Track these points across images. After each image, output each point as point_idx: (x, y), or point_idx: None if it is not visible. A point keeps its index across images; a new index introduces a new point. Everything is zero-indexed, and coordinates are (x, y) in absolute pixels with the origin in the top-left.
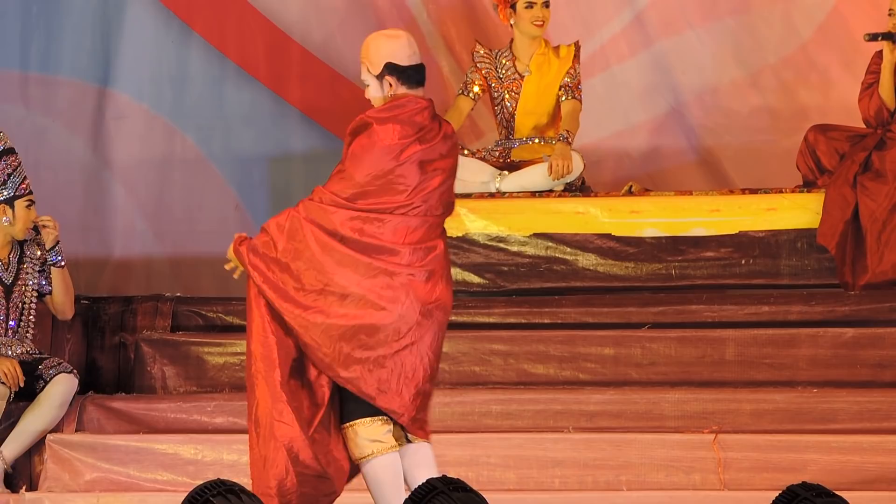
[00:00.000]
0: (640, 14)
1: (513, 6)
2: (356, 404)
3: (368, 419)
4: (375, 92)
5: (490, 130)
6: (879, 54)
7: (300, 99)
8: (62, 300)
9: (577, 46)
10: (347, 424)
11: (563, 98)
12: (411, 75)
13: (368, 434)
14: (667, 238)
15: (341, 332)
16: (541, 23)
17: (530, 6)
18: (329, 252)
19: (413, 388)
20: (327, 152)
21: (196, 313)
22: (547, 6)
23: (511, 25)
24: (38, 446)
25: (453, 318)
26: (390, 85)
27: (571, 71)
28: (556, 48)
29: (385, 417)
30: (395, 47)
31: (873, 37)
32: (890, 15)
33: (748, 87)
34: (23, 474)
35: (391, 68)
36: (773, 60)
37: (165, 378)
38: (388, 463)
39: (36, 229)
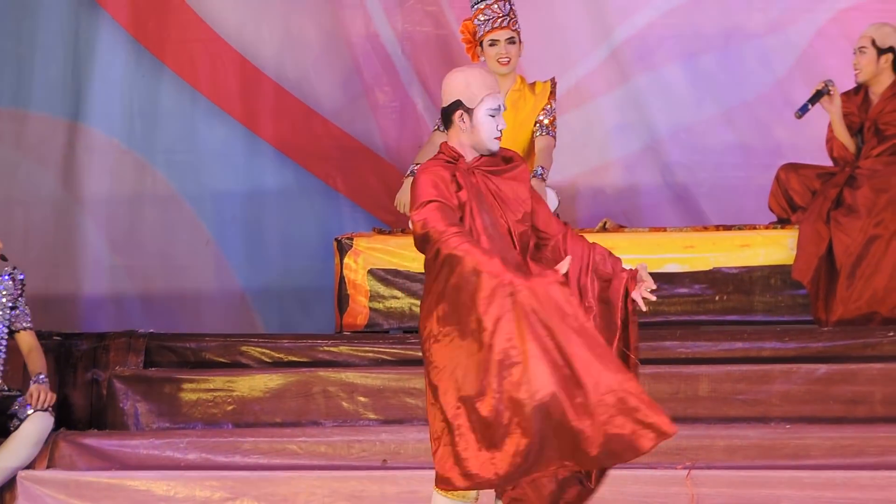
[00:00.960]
0: (616, 50)
1: (481, 44)
2: None
3: None
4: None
5: None
6: (845, 95)
7: (273, 135)
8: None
9: (554, 83)
10: None
11: (538, 134)
12: None
13: None
14: None
15: None
16: (507, 60)
17: (494, 44)
18: None
19: None
20: (300, 188)
21: (169, 349)
22: (512, 42)
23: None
24: (9, 483)
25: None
26: None
27: (547, 107)
28: (532, 84)
29: None
30: None
31: (803, 110)
32: (854, 54)
33: (723, 123)
34: None
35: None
36: (747, 97)
37: (138, 414)
38: None
39: (3, 257)
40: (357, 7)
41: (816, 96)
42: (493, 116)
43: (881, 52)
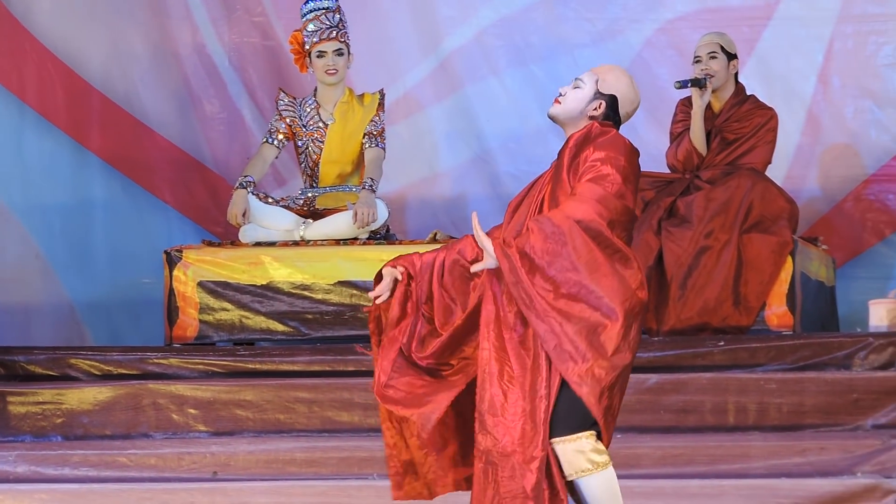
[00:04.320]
0: (445, 61)
1: (309, 55)
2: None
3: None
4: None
5: (292, 178)
6: (684, 101)
7: (101, 147)
8: None
9: (382, 94)
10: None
11: (367, 146)
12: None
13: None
14: None
15: None
16: (334, 71)
17: (322, 55)
18: None
19: None
20: (129, 200)
21: None
22: (340, 54)
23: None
24: None
25: (257, 365)
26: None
27: (376, 119)
28: (361, 96)
29: None
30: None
31: (683, 84)
32: (696, 62)
33: (551, 134)
34: None
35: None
36: None
37: None
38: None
39: None
40: (184, 19)
41: (696, 81)
42: None
43: (730, 57)
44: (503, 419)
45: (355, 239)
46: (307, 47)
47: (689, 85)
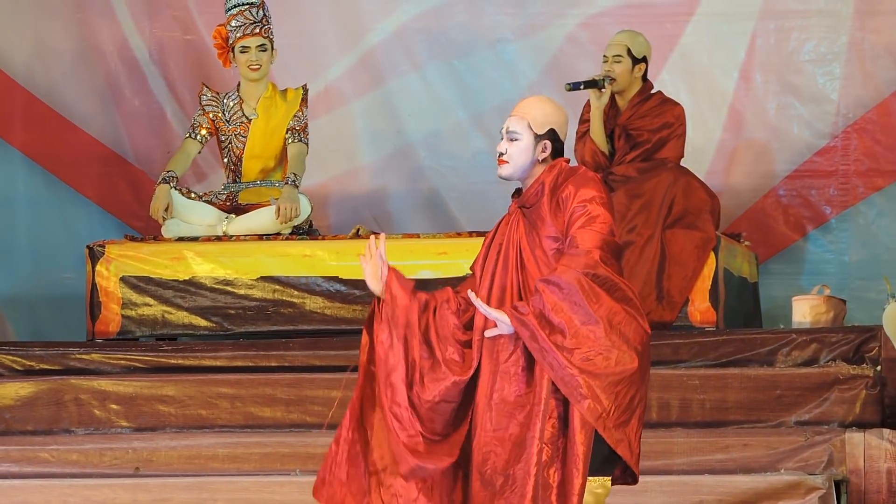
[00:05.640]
0: (367, 55)
1: (232, 49)
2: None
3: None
4: (525, 150)
5: (213, 173)
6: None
7: (24, 142)
8: None
9: (305, 90)
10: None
11: (290, 141)
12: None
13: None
14: None
15: None
16: (257, 66)
17: (245, 50)
18: None
19: None
20: (51, 196)
21: None
22: (263, 49)
23: (235, 68)
24: None
25: (180, 361)
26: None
27: (299, 114)
28: (284, 91)
29: None
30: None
31: (574, 86)
32: (604, 61)
33: (472, 128)
34: None
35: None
36: (497, 102)
37: None
38: None
39: None
40: (106, 15)
41: (592, 83)
42: None
43: (636, 61)
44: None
45: (278, 234)
46: (231, 42)
47: (582, 87)
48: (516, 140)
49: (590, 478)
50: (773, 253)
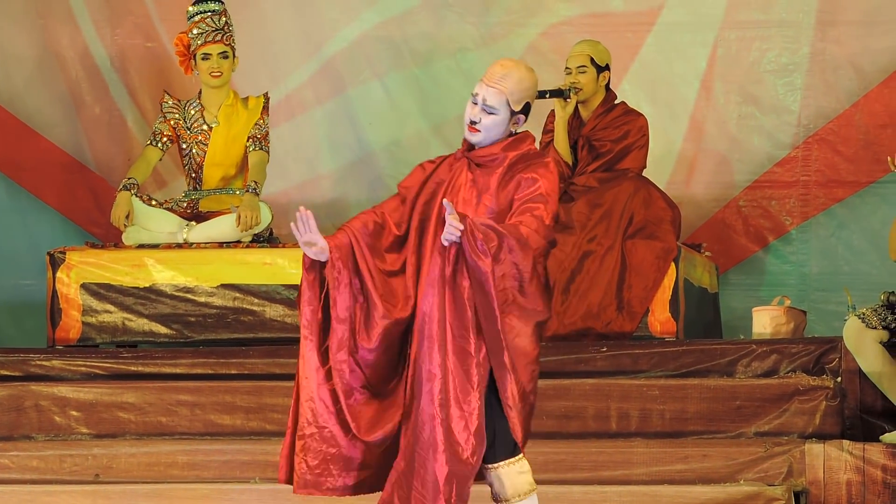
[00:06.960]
0: (327, 64)
1: (194, 57)
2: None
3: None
4: (500, 123)
5: (173, 180)
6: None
7: None
8: None
9: (267, 98)
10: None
11: (251, 149)
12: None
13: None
14: None
15: None
16: (219, 74)
17: (206, 58)
18: None
19: None
20: (11, 203)
21: None
22: (225, 57)
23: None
24: None
25: (140, 368)
26: (516, 123)
27: (260, 122)
28: (246, 99)
29: None
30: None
31: (540, 94)
32: (567, 73)
33: (433, 137)
34: None
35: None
36: (457, 111)
37: None
38: None
39: None
40: (68, 21)
41: (557, 92)
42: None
43: (600, 69)
44: None
45: (238, 242)
46: (192, 49)
47: (548, 96)
48: (493, 114)
49: (509, 461)
50: (733, 263)
